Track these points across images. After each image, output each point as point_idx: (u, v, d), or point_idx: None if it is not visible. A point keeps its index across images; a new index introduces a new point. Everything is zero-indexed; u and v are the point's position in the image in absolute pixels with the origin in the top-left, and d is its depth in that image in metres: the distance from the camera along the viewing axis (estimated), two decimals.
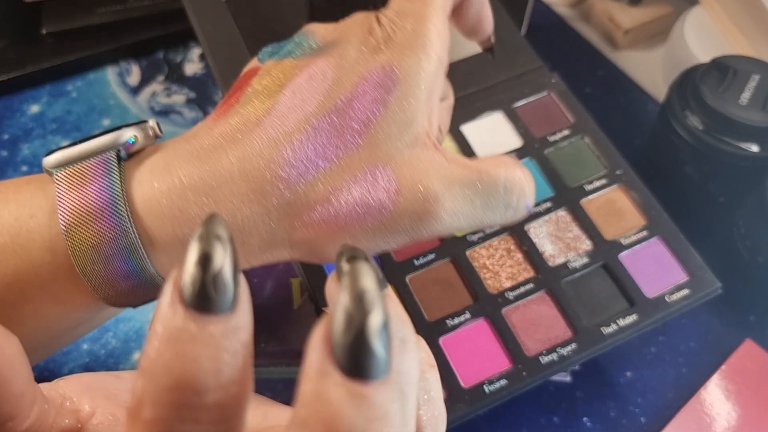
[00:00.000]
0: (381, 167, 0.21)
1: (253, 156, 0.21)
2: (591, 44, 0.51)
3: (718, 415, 0.34)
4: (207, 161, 0.21)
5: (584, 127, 0.37)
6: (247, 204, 0.21)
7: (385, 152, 0.21)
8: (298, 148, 0.21)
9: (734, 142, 0.36)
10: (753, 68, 0.37)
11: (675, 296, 0.32)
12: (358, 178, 0.21)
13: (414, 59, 0.22)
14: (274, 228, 0.21)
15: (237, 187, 0.21)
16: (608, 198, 0.35)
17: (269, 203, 0.21)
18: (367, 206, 0.21)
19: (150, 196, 0.21)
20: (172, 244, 0.21)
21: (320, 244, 0.22)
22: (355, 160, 0.21)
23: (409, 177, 0.21)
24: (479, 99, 0.38)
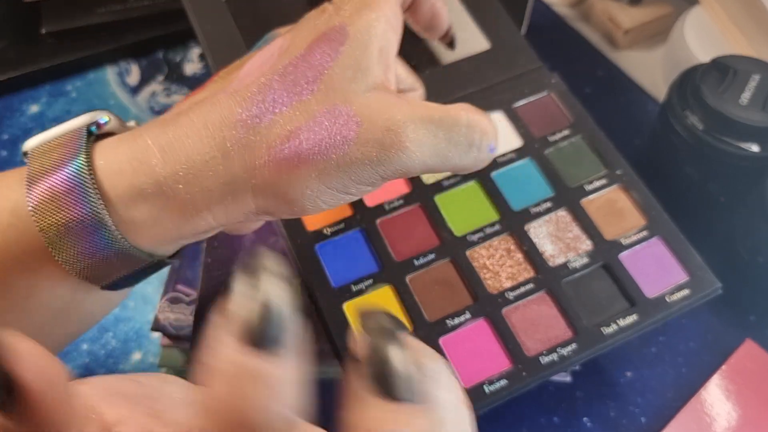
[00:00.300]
0: (340, 106, 0.22)
1: (212, 110, 0.22)
2: (591, 44, 0.51)
3: (718, 415, 0.34)
4: (171, 123, 0.22)
5: (584, 127, 0.37)
6: (206, 149, 0.21)
7: (342, 94, 0.23)
8: (255, 96, 0.22)
9: (734, 142, 0.36)
10: (753, 68, 0.37)
11: (675, 296, 0.32)
12: (317, 117, 0.22)
13: (364, 18, 0.23)
14: (234, 171, 0.22)
15: (196, 136, 0.22)
16: (608, 198, 0.35)
17: (227, 146, 0.22)
18: (329, 140, 0.22)
19: (112, 158, 0.22)
20: (129, 195, 0.21)
21: (283, 184, 0.22)
22: (313, 103, 0.22)
23: (370, 111, 0.23)
24: (479, 99, 0.38)
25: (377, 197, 0.35)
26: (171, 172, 0.21)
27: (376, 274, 0.32)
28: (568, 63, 0.49)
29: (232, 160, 0.22)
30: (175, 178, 0.21)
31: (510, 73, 0.38)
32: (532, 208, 0.34)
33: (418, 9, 0.28)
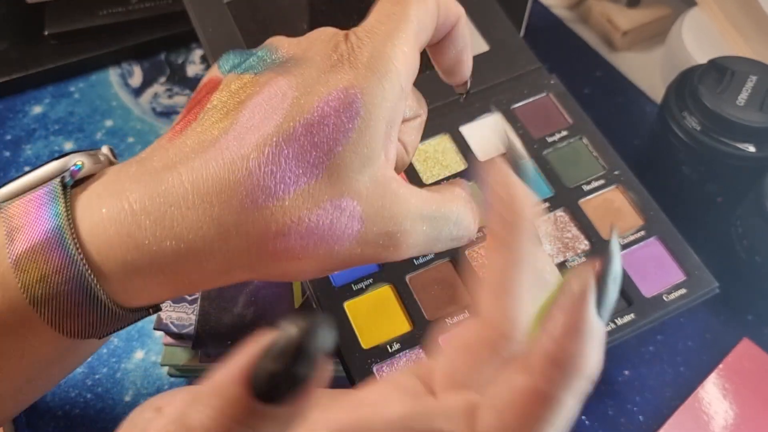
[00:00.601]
0: (346, 197, 0.21)
1: (207, 173, 0.20)
2: (589, 46, 0.52)
3: (715, 413, 0.35)
4: (159, 183, 0.20)
5: (582, 128, 0.37)
6: (201, 227, 0.20)
7: (347, 184, 0.21)
8: (255, 172, 0.20)
9: (732, 143, 0.36)
10: (750, 69, 0.37)
11: (672, 296, 0.32)
12: (322, 205, 0.20)
13: (377, 86, 0.21)
14: (232, 255, 0.20)
15: (188, 208, 0.20)
16: (606, 198, 0.35)
17: (226, 228, 0.20)
18: (332, 234, 0.21)
19: (98, 222, 0.20)
20: (123, 271, 0.20)
21: (282, 268, 0.21)
22: (317, 189, 0.20)
23: (373, 208, 0.21)
24: (478, 100, 0.38)
25: None
26: (163, 247, 0.20)
27: (376, 273, 0.33)
28: (567, 64, 0.49)
29: (230, 244, 0.20)
30: (167, 252, 0.20)
31: (509, 75, 0.39)
32: None
33: (444, 51, 0.26)
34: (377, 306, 0.32)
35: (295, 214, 0.20)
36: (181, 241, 0.20)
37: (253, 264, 0.21)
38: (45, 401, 0.36)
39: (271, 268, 0.21)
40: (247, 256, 0.21)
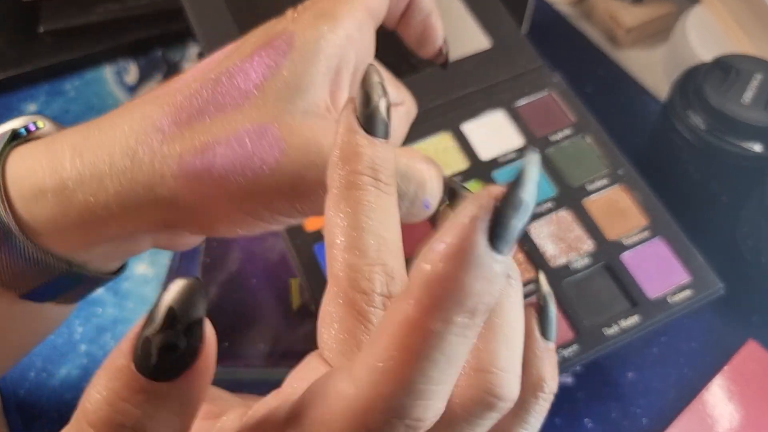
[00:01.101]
0: (267, 126, 0.21)
1: (135, 113, 0.21)
2: (592, 43, 0.51)
3: (720, 416, 0.34)
4: (94, 125, 0.21)
5: (586, 127, 0.37)
6: (116, 154, 0.20)
7: (274, 113, 0.21)
8: (180, 102, 0.21)
9: (737, 142, 0.36)
10: (756, 67, 0.37)
11: (677, 297, 0.32)
12: (239, 133, 0.20)
13: (315, 29, 0.21)
14: (139, 179, 0.20)
15: (110, 140, 0.21)
16: (610, 198, 0.35)
17: (139, 153, 0.20)
18: (246, 161, 0.20)
19: (26, 159, 0.21)
20: (32, 195, 0.21)
21: (191, 199, 0.21)
22: (239, 116, 0.21)
23: (298, 140, 0.21)
24: (480, 98, 0.37)
25: None
26: (76, 174, 0.20)
27: None
28: (570, 62, 0.49)
29: (139, 168, 0.20)
30: (78, 180, 0.20)
31: (511, 72, 0.38)
32: (534, 208, 0.34)
33: (408, 21, 0.25)
34: None
35: (209, 138, 0.20)
36: (92, 166, 0.20)
37: (160, 190, 0.21)
38: (40, 403, 0.35)
39: (179, 197, 0.21)
40: (154, 180, 0.20)
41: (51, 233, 0.21)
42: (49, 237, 0.21)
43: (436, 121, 0.37)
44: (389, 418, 0.13)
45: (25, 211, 0.21)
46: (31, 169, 0.21)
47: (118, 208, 0.21)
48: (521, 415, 0.18)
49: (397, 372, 0.13)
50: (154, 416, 0.13)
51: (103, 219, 0.21)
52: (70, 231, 0.21)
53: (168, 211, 0.21)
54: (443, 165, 0.36)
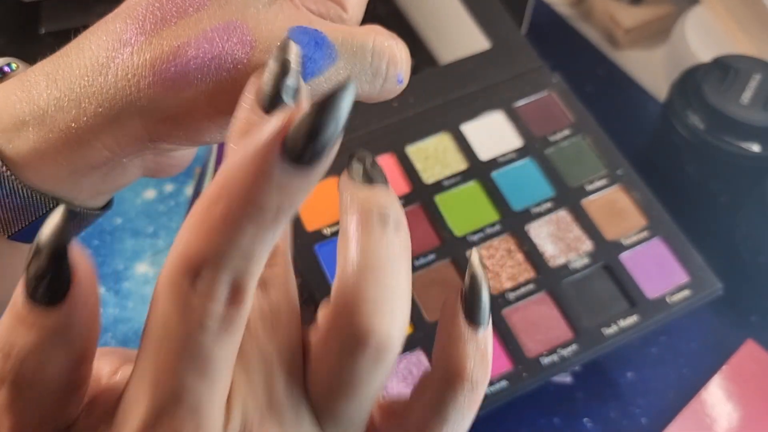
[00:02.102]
0: (233, 22, 0.21)
1: (100, 32, 0.21)
2: (592, 43, 0.51)
3: (719, 416, 0.34)
4: (62, 52, 0.21)
5: (585, 127, 0.37)
6: (88, 72, 0.21)
7: (237, 10, 0.21)
8: (142, 13, 0.21)
9: (736, 142, 0.36)
10: (754, 68, 0.37)
11: (676, 297, 0.32)
12: (207, 32, 0.21)
13: None
14: (117, 92, 0.21)
15: (80, 60, 0.21)
16: (609, 198, 0.35)
17: (110, 67, 0.20)
18: (219, 59, 0.20)
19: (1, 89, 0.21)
20: (12, 126, 0.21)
21: (172, 105, 0.21)
22: (204, 18, 0.21)
23: (267, 31, 0.21)
24: (479, 98, 0.37)
25: None
26: (53, 98, 0.21)
27: None
28: (569, 62, 0.49)
29: (114, 81, 0.20)
30: (56, 104, 0.21)
31: (510, 73, 0.38)
32: (533, 209, 0.34)
33: None
34: None
35: (178, 41, 0.21)
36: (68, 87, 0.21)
37: (141, 102, 0.21)
38: None
39: (159, 104, 0.21)
40: (132, 91, 0.21)
41: (36, 165, 0.21)
42: (34, 169, 0.21)
43: (435, 121, 0.37)
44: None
45: (7, 145, 0.21)
46: (8, 102, 0.21)
47: (100, 127, 0.21)
48: (437, 409, 0.17)
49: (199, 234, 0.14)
50: (40, 345, 0.14)
51: (87, 141, 0.21)
52: (55, 160, 0.21)
53: (149, 122, 0.21)
54: (443, 165, 0.36)
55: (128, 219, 0.40)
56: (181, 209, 0.41)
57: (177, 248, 0.14)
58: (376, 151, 0.36)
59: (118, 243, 0.40)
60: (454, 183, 0.35)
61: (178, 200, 0.42)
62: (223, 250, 0.14)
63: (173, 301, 0.14)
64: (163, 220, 0.40)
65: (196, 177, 0.42)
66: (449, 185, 0.35)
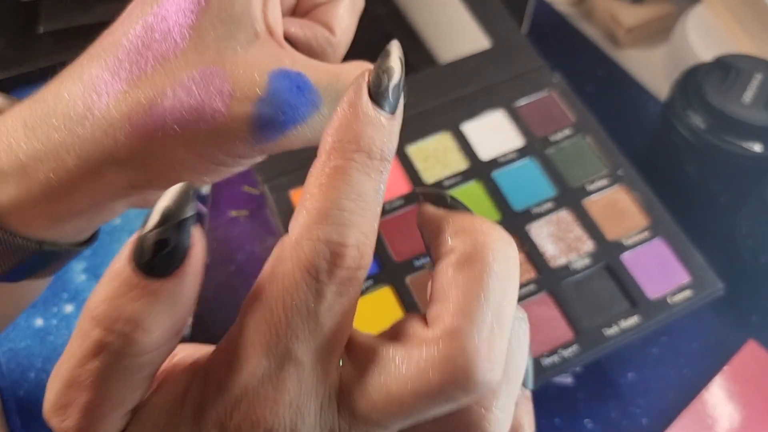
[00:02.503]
0: (211, 68, 0.20)
1: (76, 79, 0.21)
2: (592, 43, 0.51)
3: (720, 416, 0.34)
4: (39, 97, 0.21)
5: (586, 127, 0.37)
6: (65, 125, 0.20)
7: (215, 53, 0.20)
8: (117, 58, 0.20)
9: (737, 142, 0.36)
10: (756, 67, 0.37)
11: (677, 297, 0.32)
12: (183, 81, 0.20)
13: None
14: (95, 146, 0.20)
15: (57, 111, 0.20)
16: (610, 198, 0.35)
17: (88, 120, 0.20)
18: (197, 111, 0.20)
19: None
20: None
21: (150, 155, 0.20)
22: (180, 64, 0.20)
23: (246, 76, 0.20)
24: (480, 98, 0.37)
25: None
26: (32, 151, 0.20)
27: (376, 275, 0.32)
28: (570, 62, 0.48)
29: (92, 133, 0.20)
30: (35, 156, 0.20)
31: (511, 72, 0.38)
32: (534, 209, 0.34)
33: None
34: (377, 308, 0.32)
35: (154, 92, 0.20)
36: (47, 141, 0.20)
37: (119, 154, 0.20)
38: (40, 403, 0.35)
39: (137, 156, 0.20)
40: (109, 144, 0.20)
41: (18, 214, 0.21)
42: (16, 218, 0.21)
43: (436, 121, 0.37)
44: (315, 244, 0.14)
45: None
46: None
47: (81, 178, 0.20)
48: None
49: (315, 204, 0.15)
50: (146, 312, 0.14)
51: (67, 192, 0.21)
52: (36, 210, 0.21)
53: (130, 172, 0.21)
54: (443, 165, 0.36)
55: (127, 220, 0.40)
56: None
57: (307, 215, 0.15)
58: None
59: (117, 243, 0.39)
60: (455, 183, 0.35)
61: None
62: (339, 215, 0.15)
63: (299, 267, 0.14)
64: None
65: None
66: (450, 185, 0.35)
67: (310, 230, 0.14)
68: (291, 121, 0.20)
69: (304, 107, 0.21)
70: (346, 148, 0.15)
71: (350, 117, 0.15)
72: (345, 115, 0.15)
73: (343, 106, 0.16)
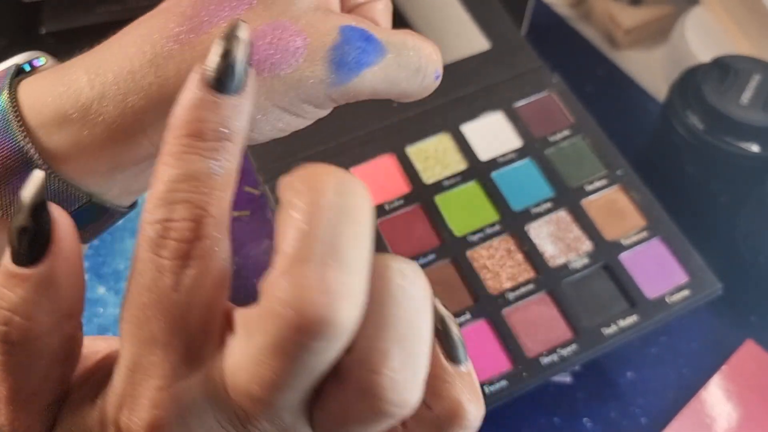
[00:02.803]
0: (284, 21, 0.21)
1: (143, 27, 0.21)
2: (591, 44, 0.51)
3: (718, 415, 0.34)
4: (102, 46, 0.21)
5: (585, 127, 0.37)
6: (135, 65, 0.20)
7: (284, 10, 0.21)
8: (188, 10, 0.21)
9: (735, 142, 0.36)
10: (754, 68, 0.37)
11: (675, 297, 0.32)
12: (258, 29, 0.21)
13: None
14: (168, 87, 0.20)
15: (125, 54, 0.21)
16: (609, 198, 0.35)
17: (159, 61, 0.20)
18: (276, 55, 0.20)
19: (37, 88, 0.21)
20: (54, 121, 0.21)
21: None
22: (252, 15, 0.21)
23: (317, 29, 0.21)
24: (479, 99, 0.38)
25: (377, 198, 0.34)
26: (98, 93, 0.20)
27: None
28: (569, 63, 0.49)
29: (164, 77, 0.20)
30: (102, 99, 0.20)
31: (510, 73, 0.38)
32: (533, 209, 0.34)
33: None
34: None
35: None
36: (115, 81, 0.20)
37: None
38: None
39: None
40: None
41: (75, 160, 0.21)
42: (72, 164, 0.21)
43: (435, 121, 0.37)
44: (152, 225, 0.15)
45: (47, 139, 0.21)
46: (49, 96, 0.21)
47: (148, 122, 0.20)
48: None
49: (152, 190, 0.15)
50: (24, 300, 0.15)
51: (132, 137, 0.21)
52: (96, 155, 0.21)
53: None
54: (442, 166, 0.36)
55: (128, 219, 0.40)
56: None
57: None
58: (376, 151, 0.36)
59: (119, 243, 0.40)
60: (454, 183, 0.35)
61: None
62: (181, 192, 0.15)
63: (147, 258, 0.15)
64: None
65: None
66: (449, 185, 0.35)
67: (148, 213, 0.15)
68: (364, 63, 0.22)
69: (373, 52, 0.22)
70: (175, 134, 0.15)
71: (182, 103, 0.16)
72: (179, 102, 0.16)
73: (179, 93, 0.16)
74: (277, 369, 0.14)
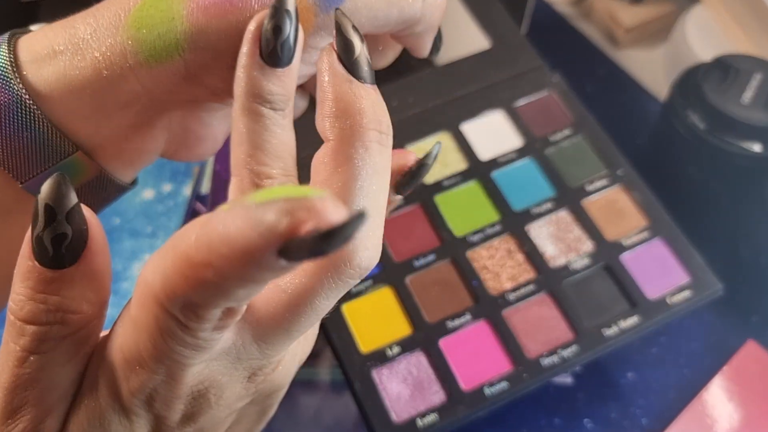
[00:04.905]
0: None
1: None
2: (592, 43, 0.51)
3: (720, 416, 0.34)
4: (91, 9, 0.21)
5: (585, 127, 0.37)
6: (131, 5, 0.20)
7: None
8: None
9: (736, 142, 0.36)
10: (755, 67, 0.37)
11: (676, 298, 0.32)
12: None
13: None
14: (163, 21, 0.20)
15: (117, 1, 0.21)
16: (609, 198, 0.35)
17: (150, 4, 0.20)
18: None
19: (35, 35, 0.21)
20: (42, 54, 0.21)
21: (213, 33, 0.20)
22: None
23: None
24: (480, 98, 0.37)
25: None
26: (90, 30, 0.20)
27: (375, 275, 0.32)
28: (569, 62, 0.48)
29: (156, 11, 0.20)
30: (93, 34, 0.20)
31: (510, 72, 0.38)
32: (533, 209, 0.34)
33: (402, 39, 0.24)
34: (377, 308, 0.32)
35: None
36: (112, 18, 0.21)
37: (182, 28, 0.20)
38: None
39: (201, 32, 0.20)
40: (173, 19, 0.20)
41: (60, 95, 0.20)
42: (58, 101, 0.21)
43: (435, 120, 0.37)
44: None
45: (36, 73, 0.20)
46: (47, 35, 0.21)
47: (136, 57, 0.20)
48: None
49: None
50: (70, 297, 0.15)
51: (119, 72, 0.20)
52: (82, 91, 0.20)
53: (191, 53, 0.20)
54: (442, 165, 0.36)
55: (126, 219, 0.40)
56: (179, 209, 0.41)
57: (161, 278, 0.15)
58: None
59: (117, 243, 0.39)
60: (454, 183, 0.35)
61: (177, 200, 0.42)
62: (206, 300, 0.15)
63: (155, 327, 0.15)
64: (161, 220, 0.40)
65: (195, 176, 0.42)
66: (449, 185, 0.35)
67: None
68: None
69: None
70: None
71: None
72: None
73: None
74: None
